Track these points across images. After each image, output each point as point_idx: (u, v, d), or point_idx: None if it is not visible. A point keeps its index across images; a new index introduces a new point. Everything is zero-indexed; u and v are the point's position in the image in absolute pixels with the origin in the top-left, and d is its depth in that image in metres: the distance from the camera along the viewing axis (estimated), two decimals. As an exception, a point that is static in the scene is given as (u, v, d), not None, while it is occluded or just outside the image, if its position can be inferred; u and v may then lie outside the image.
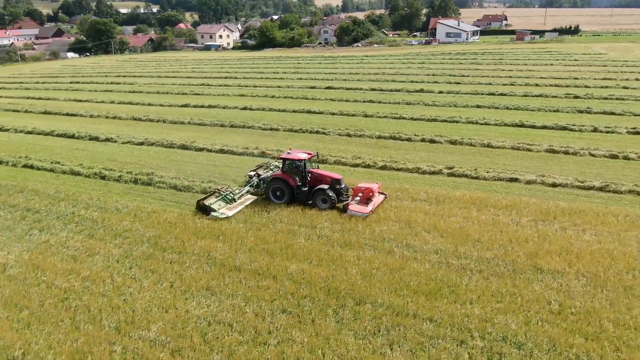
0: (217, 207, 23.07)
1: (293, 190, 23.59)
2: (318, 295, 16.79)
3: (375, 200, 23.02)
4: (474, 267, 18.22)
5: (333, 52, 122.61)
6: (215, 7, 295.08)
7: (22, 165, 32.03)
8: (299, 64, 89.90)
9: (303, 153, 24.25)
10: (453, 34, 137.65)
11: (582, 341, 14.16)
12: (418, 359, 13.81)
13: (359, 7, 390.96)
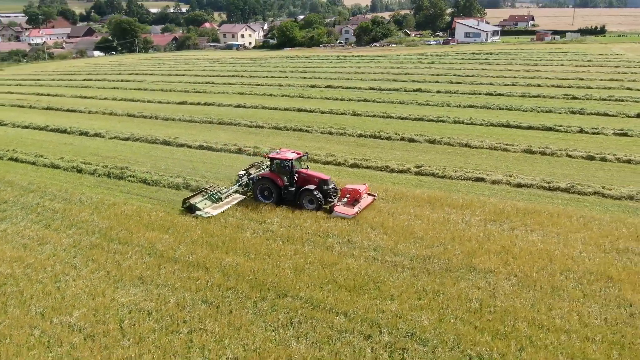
0: (202, 206, 22.86)
1: (281, 190, 23.24)
2: (243, 287, 17.02)
3: (362, 201, 22.56)
4: (406, 265, 18.18)
5: (349, 52, 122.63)
6: (243, 7, 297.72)
7: (8, 158, 33.12)
8: (309, 63, 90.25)
9: (291, 153, 23.94)
10: (472, 34, 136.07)
11: (489, 339, 14.03)
12: (320, 351, 13.89)
13: (388, 7, 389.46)
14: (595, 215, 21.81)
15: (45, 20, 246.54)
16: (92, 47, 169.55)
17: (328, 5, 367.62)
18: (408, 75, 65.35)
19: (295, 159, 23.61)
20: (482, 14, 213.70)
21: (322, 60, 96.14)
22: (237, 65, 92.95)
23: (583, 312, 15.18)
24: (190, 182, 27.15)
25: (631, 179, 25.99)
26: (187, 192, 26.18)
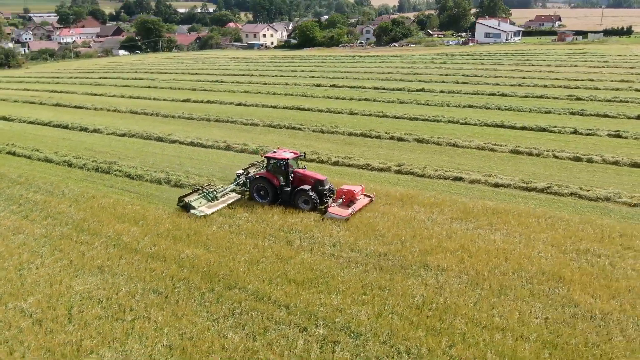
0: (197, 204, 22.67)
1: (276, 190, 22.93)
2: (195, 278, 17.37)
3: (358, 203, 22.16)
4: (360, 261, 18.28)
5: (367, 52, 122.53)
6: (269, 7, 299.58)
7: (6, 152, 34.25)
8: (322, 63, 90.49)
9: (288, 152, 23.68)
10: (492, 34, 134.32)
11: (422, 335, 14.07)
12: (254, 342, 14.13)
13: (415, 7, 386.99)
14: (565, 216, 21.52)
15: (76, 20, 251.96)
16: (117, 46, 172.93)
17: (354, 6, 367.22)
18: (416, 75, 65.02)
19: (292, 159, 23.38)
20: (507, 14, 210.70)
21: (336, 60, 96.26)
22: (251, 65, 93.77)
23: (525, 311, 15.08)
24: (172, 177, 27.66)
25: (613, 181, 25.52)
26: (167, 186, 26.76)
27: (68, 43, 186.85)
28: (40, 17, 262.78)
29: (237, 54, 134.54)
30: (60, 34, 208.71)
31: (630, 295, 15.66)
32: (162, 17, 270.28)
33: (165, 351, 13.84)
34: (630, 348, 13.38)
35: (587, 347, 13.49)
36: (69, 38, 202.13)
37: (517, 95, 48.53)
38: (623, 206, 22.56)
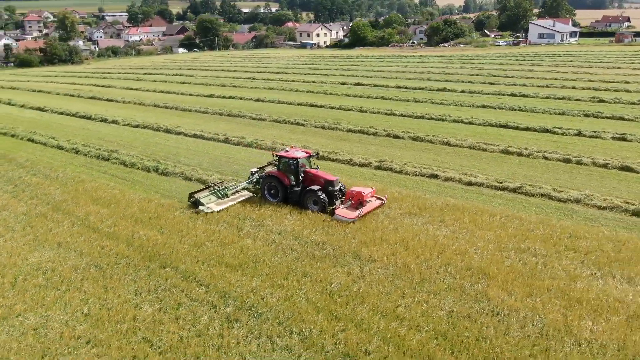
0: (205, 201, 22.50)
1: (287, 189, 22.50)
2: (136, 256, 18.52)
3: (368, 205, 21.50)
4: (297, 248, 18.85)
5: (414, 52, 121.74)
6: (330, 7, 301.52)
7: (27, 139, 37.03)
8: (361, 62, 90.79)
9: (300, 151, 23.24)
10: (546, 35, 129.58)
11: (320, 318, 14.51)
12: (164, 315, 15.04)
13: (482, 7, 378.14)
14: (522, 215, 21.16)
15: (144, 19, 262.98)
16: (177, 45, 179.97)
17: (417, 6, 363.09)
18: (445, 75, 64.24)
19: (304, 158, 22.89)
20: (571, 14, 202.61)
21: (376, 59, 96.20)
22: (292, 63, 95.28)
23: (434, 303, 15.18)
24: (162, 166, 29.10)
25: (594, 183, 24.70)
26: (155, 174, 28.25)
27: (134, 41, 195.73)
28: (112, 17, 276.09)
29: (287, 53, 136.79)
30: (128, 32, 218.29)
31: (547, 295, 15.42)
32: (226, 17, 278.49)
33: (82, 318, 14.97)
34: (520, 344, 13.29)
35: (478, 340, 13.50)
36: (136, 36, 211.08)
37: (539, 96, 47.14)
38: (591, 208, 21.88)
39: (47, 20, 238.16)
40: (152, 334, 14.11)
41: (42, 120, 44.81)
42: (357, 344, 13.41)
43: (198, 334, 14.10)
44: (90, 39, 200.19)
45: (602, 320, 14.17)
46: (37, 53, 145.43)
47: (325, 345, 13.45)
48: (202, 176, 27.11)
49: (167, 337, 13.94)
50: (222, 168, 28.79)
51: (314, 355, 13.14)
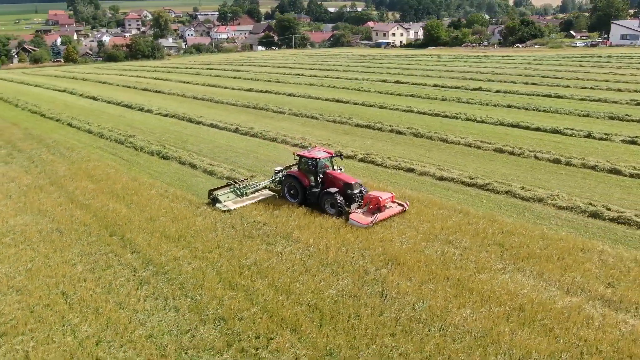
0: (223, 199, 22.18)
1: (305, 190, 21.79)
2: (95, 224, 20.66)
3: (387, 211, 20.41)
4: (238, 227, 20.13)
5: (483, 52, 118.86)
6: (417, 7, 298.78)
7: (66, 124, 40.99)
8: (418, 61, 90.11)
9: (322, 152, 22.49)
10: (629, 36, 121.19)
11: (217, 287, 15.73)
12: (90, 274, 16.87)
13: (581, 7, 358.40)
14: (471, 210, 21.12)
15: (233, 18, 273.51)
16: (257, 42, 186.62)
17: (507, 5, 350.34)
18: (492, 75, 62.73)
19: (324, 159, 22.12)
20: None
21: (436, 59, 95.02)
22: (351, 61, 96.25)
23: (331, 283, 15.88)
24: (166, 151, 31.42)
25: (568, 184, 23.96)
26: (156, 157, 30.62)
27: (216, 39, 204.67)
28: (204, 16, 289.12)
29: (357, 51, 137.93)
30: (217, 30, 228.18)
31: (442, 283, 15.67)
32: (313, 16, 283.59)
33: (22, 272, 17.12)
34: (388, 324, 13.76)
35: (350, 317, 14.13)
36: (224, 34, 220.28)
37: (574, 97, 45.16)
38: (550, 208, 21.41)
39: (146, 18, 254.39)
40: (71, 288, 15.96)
41: (89, 107, 49.14)
42: (234, 310, 14.48)
43: (109, 291, 15.79)
44: (181, 37, 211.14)
45: (482, 310, 14.29)
46: (124, 49, 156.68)
47: (208, 309, 14.64)
48: (195, 161, 29.01)
49: (81, 292, 15.73)
50: (216, 155, 30.62)
51: (193, 316, 14.38)
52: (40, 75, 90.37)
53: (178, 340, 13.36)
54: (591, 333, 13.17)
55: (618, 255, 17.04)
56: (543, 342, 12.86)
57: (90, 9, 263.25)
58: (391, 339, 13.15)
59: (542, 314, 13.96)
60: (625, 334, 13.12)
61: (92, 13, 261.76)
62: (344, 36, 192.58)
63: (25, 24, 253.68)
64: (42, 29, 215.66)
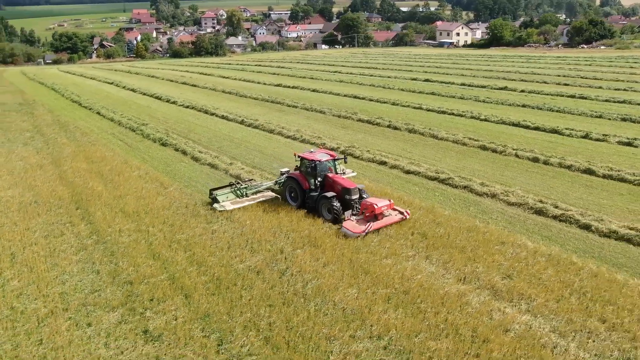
0: (222, 199, 21.53)
1: (305, 193, 20.84)
2: (69, 199, 22.80)
3: (385, 219, 19.09)
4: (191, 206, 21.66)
5: (543, 52, 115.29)
6: (492, 6, 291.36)
7: (95, 112, 44.40)
8: (466, 61, 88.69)
9: (323, 154, 21.36)
10: None
11: (142, 256, 17.26)
12: (42, 238, 18.84)
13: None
14: (415, 201, 21.54)
15: (304, 17, 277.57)
16: (320, 41, 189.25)
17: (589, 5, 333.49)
18: (528, 75, 61.16)
19: (326, 162, 21.03)
20: None
21: (487, 58, 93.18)
22: (400, 60, 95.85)
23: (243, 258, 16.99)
24: (168, 139, 33.51)
25: (532, 182, 23.75)
26: (157, 144, 32.79)
27: (283, 37, 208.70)
28: (277, 15, 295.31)
29: (417, 51, 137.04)
30: (288, 29, 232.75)
31: (342, 264, 16.38)
32: (385, 16, 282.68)
33: (-12, 234, 19.48)
34: (268, 293, 14.70)
35: (242, 289, 15.18)
36: (294, 33, 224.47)
37: (598, 99, 43.46)
38: (499, 203, 21.46)
39: (221, 17, 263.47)
40: (20, 250, 18.00)
41: (124, 98, 52.72)
42: (144, 276, 15.94)
43: (50, 255, 17.64)
44: (253, 35, 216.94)
45: (368, 290, 14.92)
46: (189, 46, 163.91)
47: (122, 274, 16.20)
48: (188, 148, 30.86)
49: (28, 254, 17.70)
50: (211, 143, 32.44)
51: (108, 279, 15.95)
52: (103, 69, 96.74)
53: (84, 298, 14.94)
54: (460, 318, 13.52)
55: (533, 250, 17.01)
56: (407, 322, 13.37)
57: (170, 8, 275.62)
58: (267, 309, 14.09)
59: (422, 298, 14.41)
60: (493, 321, 13.37)
61: (172, 12, 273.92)
62: (407, 35, 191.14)
63: (111, 22, 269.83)
64: (125, 27, 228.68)
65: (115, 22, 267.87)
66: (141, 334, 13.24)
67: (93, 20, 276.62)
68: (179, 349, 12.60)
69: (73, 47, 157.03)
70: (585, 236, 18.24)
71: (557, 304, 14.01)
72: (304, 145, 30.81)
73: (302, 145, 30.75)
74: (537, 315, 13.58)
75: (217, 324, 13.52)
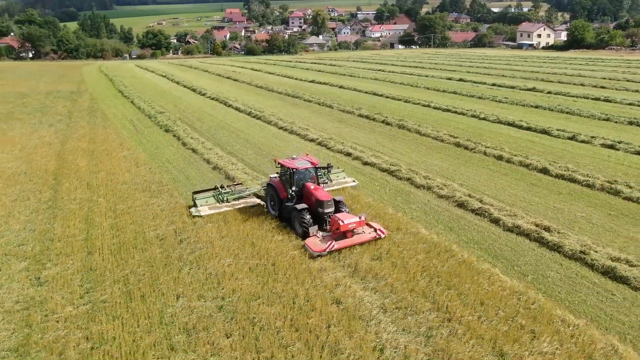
0: (200, 203, 20.57)
1: (282, 203, 19.15)
2: (53, 172, 25.96)
3: (355, 237, 17.19)
4: (143, 184, 24.01)
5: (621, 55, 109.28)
6: (590, 7, 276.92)
7: (130, 101, 48.48)
8: (524, 61, 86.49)
9: (305, 161, 19.47)
10: None
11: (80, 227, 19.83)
12: (10, 202, 21.94)
13: None
14: (349, 190, 22.53)
15: (389, 17, 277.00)
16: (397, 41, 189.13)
17: None
18: (568, 77, 58.73)
19: (305, 169, 19.16)
20: None
21: (540, 60, 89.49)
22: (454, 60, 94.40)
23: (143, 223, 19.06)
24: (172, 125, 36.33)
25: (477, 177, 23.87)
26: (161, 130, 35.66)
27: (361, 38, 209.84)
28: (364, 15, 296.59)
29: (488, 52, 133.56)
30: (372, 29, 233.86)
31: (228, 237, 17.91)
32: (474, 16, 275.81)
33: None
34: (140, 264, 16.59)
35: (140, 250, 17.20)
36: (377, 33, 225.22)
37: (624, 102, 41.35)
38: (429, 195, 22.04)
39: (309, 17, 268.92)
40: (-13, 209, 21.13)
41: (163, 89, 57.05)
42: (66, 236, 18.31)
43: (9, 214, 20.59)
44: (336, 34, 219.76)
45: (243, 261, 16.32)
46: (263, 44, 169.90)
47: (50, 233, 18.69)
48: (183, 135, 33.30)
49: (-9, 212, 20.79)
50: (207, 131, 35.01)
51: (37, 236, 18.45)
52: (172, 64, 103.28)
53: (9, 249, 17.48)
54: (303, 289, 14.58)
55: (421, 237, 17.55)
56: (253, 288, 14.64)
57: (261, 7, 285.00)
58: (146, 269, 15.90)
59: (284, 271, 15.57)
60: (332, 294, 14.31)
61: (262, 11, 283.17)
62: (486, 36, 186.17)
63: (206, 20, 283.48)
64: (217, 25, 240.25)
65: (209, 20, 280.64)
66: (33, 280, 15.48)
67: (189, 19, 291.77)
68: (53, 293, 14.68)
69: (157, 43, 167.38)
70: (489, 229, 18.44)
71: (403, 284, 14.65)
72: (291, 136, 32.46)
73: (289, 136, 32.44)
74: (376, 293, 14.33)
75: (95, 277, 15.53)
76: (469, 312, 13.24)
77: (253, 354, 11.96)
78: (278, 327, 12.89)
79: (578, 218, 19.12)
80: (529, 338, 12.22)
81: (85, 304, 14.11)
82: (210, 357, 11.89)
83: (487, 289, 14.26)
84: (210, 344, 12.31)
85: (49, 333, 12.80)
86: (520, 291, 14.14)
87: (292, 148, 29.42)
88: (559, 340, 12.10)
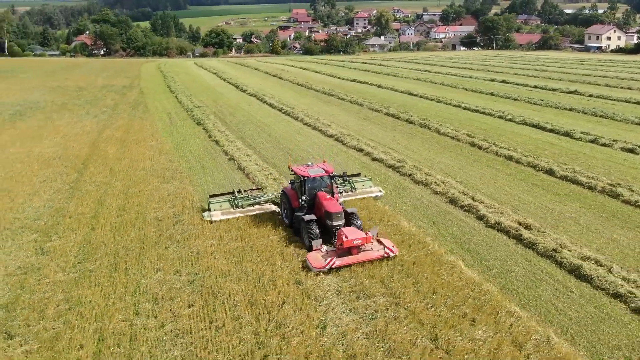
0: (214, 208, 20.03)
1: (294, 212, 18.30)
2: (83, 157, 28.22)
3: (362, 254, 15.93)
4: (160, 172, 25.78)
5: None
6: None
7: (175, 95, 51.07)
8: (580, 65, 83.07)
9: (319, 168, 18.39)
10: None
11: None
12: (35, 179, 24.29)
13: None
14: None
15: (455, 18, 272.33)
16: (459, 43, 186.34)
17: None
18: (617, 81, 56.39)
19: (319, 177, 18.20)
20: None
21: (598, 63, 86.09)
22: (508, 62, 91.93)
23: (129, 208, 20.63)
24: (205, 119, 38.06)
25: (467, 170, 24.49)
26: (193, 124, 37.63)
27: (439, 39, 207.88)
28: (429, 16, 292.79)
29: (554, 55, 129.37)
30: (437, 30, 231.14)
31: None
32: (545, 18, 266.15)
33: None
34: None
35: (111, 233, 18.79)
36: (442, 34, 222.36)
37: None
38: (409, 182, 23.34)
39: (373, 17, 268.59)
40: (17, 185, 23.42)
41: (209, 85, 59.64)
42: (77, 214, 20.17)
43: (33, 189, 22.82)
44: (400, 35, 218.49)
45: (225, 242, 17.57)
46: (322, 44, 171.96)
47: (64, 210, 20.62)
48: (211, 127, 34.96)
49: (19, 187, 23.05)
50: (234, 124, 36.66)
51: (53, 212, 20.41)
52: (229, 63, 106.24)
53: (27, 222, 19.50)
54: (271, 270, 15.57)
55: (400, 229, 18.17)
56: (228, 267, 15.76)
57: (327, 8, 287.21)
58: (138, 245, 17.40)
59: (260, 253, 16.62)
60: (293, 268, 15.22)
61: (327, 12, 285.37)
62: (551, 38, 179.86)
63: (272, 20, 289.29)
64: (282, 25, 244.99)
65: (275, 20, 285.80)
66: (38, 250, 17.29)
67: (257, 19, 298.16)
68: (50, 261, 16.39)
69: (220, 42, 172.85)
70: (471, 225, 18.71)
71: (365, 270, 15.33)
72: (313, 132, 33.57)
73: (311, 132, 33.64)
74: (338, 277, 15.11)
75: (90, 249, 17.18)
76: (419, 299, 13.74)
77: (206, 322, 13.02)
78: (237, 301, 13.89)
79: (566, 218, 18.99)
80: (467, 326, 12.59)
81: (75, 272, 15.66)
82: (169, 323, 13.03)
83: (444, 279, 14.67)
84: (171, 312, 13.48)
85: (36, 294, 14.39)
86: (476, 283, 14.45)
87: (309, 143, 30.46)
88: (495, 329, 12.41)
